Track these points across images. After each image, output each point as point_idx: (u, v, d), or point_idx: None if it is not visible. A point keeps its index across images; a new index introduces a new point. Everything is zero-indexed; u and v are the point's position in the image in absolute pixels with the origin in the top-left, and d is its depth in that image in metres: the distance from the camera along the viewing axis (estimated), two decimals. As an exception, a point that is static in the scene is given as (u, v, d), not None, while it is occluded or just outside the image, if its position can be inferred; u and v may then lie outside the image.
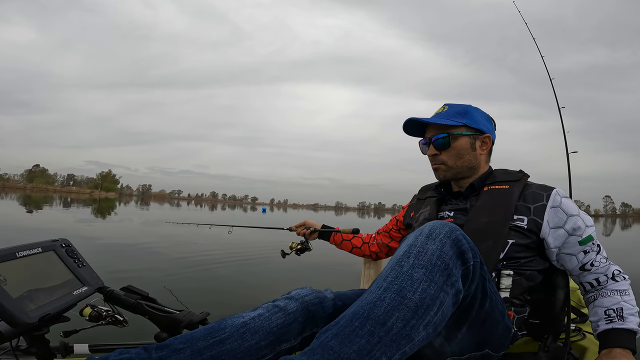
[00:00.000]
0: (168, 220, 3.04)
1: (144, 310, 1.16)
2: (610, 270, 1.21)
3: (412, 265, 0.83)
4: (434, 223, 0.91)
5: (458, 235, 0.88)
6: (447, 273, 0.83)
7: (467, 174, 1.35)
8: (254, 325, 0.97)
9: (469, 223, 1.25)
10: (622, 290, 1.18)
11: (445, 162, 1.34)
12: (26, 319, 0.88)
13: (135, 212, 6.42)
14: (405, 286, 0.80)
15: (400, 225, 1.64)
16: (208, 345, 0.90)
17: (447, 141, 1.32)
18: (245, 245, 8.01)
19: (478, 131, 1.34)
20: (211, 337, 0.92)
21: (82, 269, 1.11)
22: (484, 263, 0.94)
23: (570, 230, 1.20)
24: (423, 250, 0.85)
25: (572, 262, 1.22)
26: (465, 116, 1.33)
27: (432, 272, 0.82)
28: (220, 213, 30.65)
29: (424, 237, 0.87)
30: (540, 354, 1.22)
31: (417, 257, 0.84)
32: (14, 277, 0.92)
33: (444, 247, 0.85)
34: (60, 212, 16.92)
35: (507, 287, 1.18)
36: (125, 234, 9.93)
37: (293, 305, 1.06)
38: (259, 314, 1.01)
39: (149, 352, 0.86)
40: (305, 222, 1.98)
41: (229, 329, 0.95)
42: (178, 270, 5.35)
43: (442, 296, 0.81)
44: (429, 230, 0.89)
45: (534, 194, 1.24)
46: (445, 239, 0.86)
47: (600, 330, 1.15)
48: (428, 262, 0.83)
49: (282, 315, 1.02)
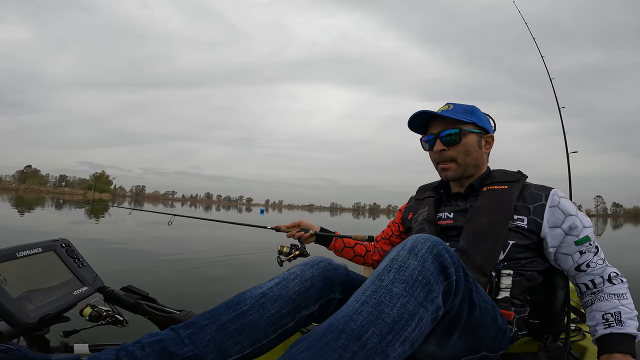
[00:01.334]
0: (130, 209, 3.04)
1: (144, 310, 1.15)
2: (606, 272, 1.21)
3: (392, 280, 0.81)
4: (417, 237, 0.90)
5: (440, 250, 0.87)
6: (428, 289, 0.82)
7: (472, 172, 1.35)
8: (272, 295, 0.99)
9: (468, 223, 1.25)
10: (620, 294, 1.17)
11: (454, 158, 1.32)
12: (26, 319, 0.88)
13: (131, 213, 6.42)
14: (383, 300, 0.78)
15: (401, 229, 1.61)
16: (231, 319, 0.93)
17: (457, 137, 1.30)
18: (246, 245, 8.00)
19: (484, 130, 1.34)
20: (233, 310, 0.95)
21: (82, 269, 1.11)
22: (468, 275, 0.93)
23: (567, 229, 1.20)
24: (404, 265, 0.83)
25: (567, 262, 1.22)
26: (473, 114, 1.33)
27: (412, 288, 0.80)
28: (214, 214, 30.50)
29: (405, 252, 0.86)
30: (540, 354, 1.22)
31: (398, 272, 0.82)
32: (14, 277, 0.92)
33: (426, 263, 0.84)
34: (56, 213, 16.79)
35: (507, 287, 1.18)
36: (125, 233, 9.89)
37: (309, 271, 1.07)
38: (276, 282, 1.03)
39: (176, 331, 0.90)
40: (301, 222, 1.78)
41: (249, 300, 0.97)
42: (177, 270, 5.33)
43: (421, 312, 0.80)
44: (411, 245, 0.87)
45: (532, 194, 1.24)
46: (427, 254, 0.85)
47: (599, 335, 1.14)
48: (409, 277, 0.81)
49: (299, 282, 1.04)
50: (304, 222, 1.78)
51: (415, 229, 1.40)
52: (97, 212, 17.34)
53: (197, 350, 0.88)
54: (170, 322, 1.14)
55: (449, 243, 1.28)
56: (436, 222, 1.34)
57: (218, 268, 5.77)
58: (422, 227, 1.36)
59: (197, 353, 0.87)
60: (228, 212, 38.01)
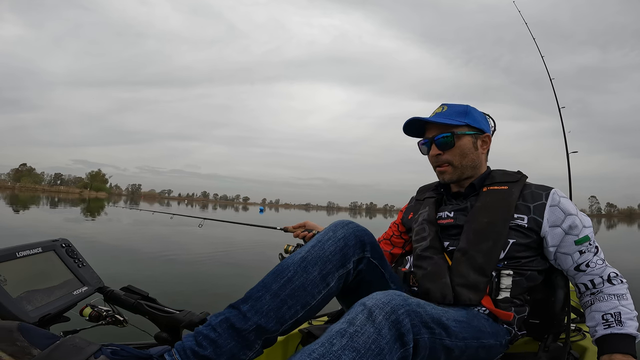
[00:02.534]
0: (142, 208, 2.99)
1: (144, 310, 1.15)
2: (606, 272, 1.21)
3: (343, 347, 0.77)
4: (377, 299, 0.85)
5: (399, 316, 0.83)
6: (380, 359, 0.78)
7: (470, 174, 1.35)
8: (311, 258, 1.05)
9: (469, 223, 1.26)
10: (620, 295, 1.17)
11: (450, 162, 1.33)
12: (26, 319, 0.88)
13: (132, 213, 6.35)
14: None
15: (401, 229, 1.61)
16: (281, 286, 1.00)
17: (451, 140, 1.31)
18: (245, 246, 7.99)
19: (479, 130, 1.34)
20: (280, 277, 1.01)
21: (82, 269, 1.11)
22: (434, 328, 0.91)
23: (567, 229, 1.20)
24: (360, 331, 0.80)
25: (567, 262, 1.22)
26: (467, 116, 1.33)
27: (362, 357, 0.77)
28: (212, 213, 30.42)
29: (364, 317, 0.82)
30: (540, 354, 1.22)
31: (351, 339, 0.78)
32: (14, 277, 0.92)
33: (382, 330, 0.80)
34: (54, 212, 16.74)
35: (507, 287, 1.18)
36: (124, 234, 9.87)
37: (340, 231, 1.11)
38: (312, 245, 1.08)
39: (237, 307, 0.97)
40: (306, 223, 1.85)
41: (292, 266, 1.03)
42: (177, 270, 5.33)
43: None
44: (370, 309, 0.83)
45: (533, 193, 1.25)
46: (384, 321, 0.81)
47: (599, 336, 1.14)
48: (362, 345, 0.78)
49: (333, 242, 1.09)
50: (309, 223, 1.86)
51: (416, 229, 1.40)
52: (96, 210, 17.29)
53: (259, 320, 0.95)
54: (171, 322, 1.14)
55: (449, 242, 1.28)
56: (436, 222, 1.35)
57: (218, 268, 5.77)
58: (423, 227, 1.37)
59: (261, 323, 0.95)
60: (225, 211, 37.94)
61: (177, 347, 0.91)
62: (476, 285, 1.16)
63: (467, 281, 1.17)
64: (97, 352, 0.82)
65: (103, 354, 0.82)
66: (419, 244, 1.35)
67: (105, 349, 0.84)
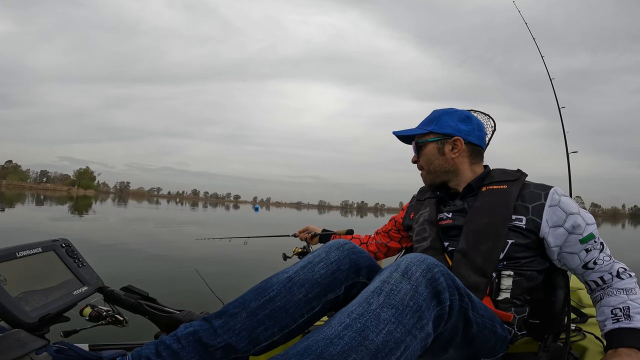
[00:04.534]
0: (198, 238, 3.04)
1: (144, 310, 1.14)
2: (614, 268, 1.21)
3: (381, 304, 0.78)
4: (411, 258, 0.87)
5: (435, 274, 0.84)
6: (419, 315, 0.79)
7: (445, 178, 1.39)
8: (299, 279, 0.99)
9: (468, 224, 1.26)
10: (629, 289, 1.17)
11: (423, 167, 1.43)
12: (26, 319, 0.87)
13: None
14: (369, 326, 0.75)
15: (399, 226, 1.63)
16: (260, 305, 0.94)
17: (419, 149, 1.42)
18: (245, 246, 7.97)
19: (446, 135, 1.36)
20: (261, 296, 0.95)
21: (82, 268, 1.11)
22: (464, 295, 0.92)
23: (570, 228, 1.19)
24: (396, 288, 0.80)
25: (574, 261, 1.22)
26: (433, 123, 1.39)
27: (402, 314, 0.77)
28: (201, 212, 30.17)
29: (399, 275, 0.83)
30: (540, 354, 1.23)
31: (388, 296, 0.79)
32: (14, 276, 0.91)
33: (419, 287, 0.81)
34: (46, 210, 16.57)
35: (507, 287, 1.19)
36: (122, 233, 9.82)
37: (334, 254, 1.06)
38: (302, 266, 1.02)
39: (209, 321, 0.91)
40: (308, 227, 2.07)
41: (276, 285, 0.97)
42: (178, 270, 5.30)
43: (408, 340, 0.77)
44: (405, 267, 0.84)
45: (532, 193, 1.24)
46: (421, 277, 0.82)
47: (607, 330, 1.14)
48: (400, 302, 0.78)
49: (325, 265, 1.03)
50: (310, 226, 2.07)
51: (417, 229, 1.41)
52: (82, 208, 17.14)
53: (230, 339, 0.89)
54: (171, 322, 1.13)
55: (449, 242, 1.28)
56: (437, 223, 1.35)
57: (218, 268, 5.75)
58: (424, 227, 1.37)
59: (230, 342, 0.89)
60: (215, 209, 37.77)
61: (134, 353, 0.86)
62: (476, 286, 1.16)
63: (467, 282, 1.16)
64: (41, 348, 0.78)
65: (47, 351, 0.79)
66: (420, 244, 1.36)
67: (51, 347, 0.82)
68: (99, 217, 14.62)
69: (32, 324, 0.87)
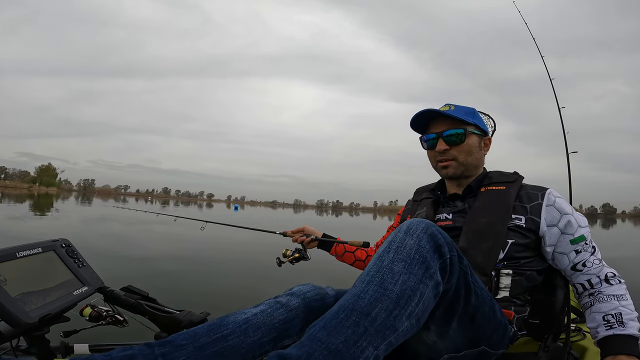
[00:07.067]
0: (116, 205, 2.93)
1: (144, 310, 1.15)
2: (603, 272, 1.21)
3: (392, 260, 0.87)
4: (411, 220, 0.95)
5: (434, 231, 0.92)
6: (425, 266, 0.87)
7: (472, 173, 1.37)
8: (256, 322, 0.98)
9: (468, 224, 1.26)
10: (619, 295, 1.16)
11: (456, 158, 1.34)
12: (26, 319, 0.88)
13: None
14: (386, 279, 0.84)
15: None
16: (210, 342, 0.91)
17: (461, 137, 1.32)
18: (244, 246, 7.99)
19: (484, 132, 1.38)
20: (214, 333, 0.93)
21: (82, 269, 1.11)
22: (463, 258, 0.97)
23: (562, 228, 1.22)
24: (402, 245, 0.89)
25: (563, 262, 1.23)
26: (475, 116, 1.36)
27: (411, 265, 0.86)
28: (172, 210, 29.29)
29: (402, 234, 0.92)
30: (540, 354, 1.22)
31: (397, 252, 0.88)
32: (14, 277, 0.92)
33: (421, 242, 0.89)
34: (4, 209, 16.62)
35: (506, 286, 1.19)
36: (124, 233, 9.88)
37: (295, 301, 1.07)
38: (261, 310, 1.02)
39: (151, 348, 0.87)
40: (304, 228, 1.84)
41: (232, 325, 0.95)
42: (178, 270, 5.33)
43: (421, 288, 0.85)
44: (407, 227, 0.93)
45: (529, 194, 1.27)
46: (422, 234, 0.90)
47: (601, 337, 1.13)
48: (407, 255, 0.87)
49: (284, 311, 1.04)
50: (307, 227, 1.84)
51: None
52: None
53: None
54: (171, 322, 1.14)
55: None
56: (434, 222, 1.35)
57: (218, 268, 5.77)
58: None
59: None
60: (188, 208, 37.55)
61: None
62: None
63: None
64: None
65: None
66: None
67: None
68: (61, 215, 14.72)
69: (32, 324, 0.89)
